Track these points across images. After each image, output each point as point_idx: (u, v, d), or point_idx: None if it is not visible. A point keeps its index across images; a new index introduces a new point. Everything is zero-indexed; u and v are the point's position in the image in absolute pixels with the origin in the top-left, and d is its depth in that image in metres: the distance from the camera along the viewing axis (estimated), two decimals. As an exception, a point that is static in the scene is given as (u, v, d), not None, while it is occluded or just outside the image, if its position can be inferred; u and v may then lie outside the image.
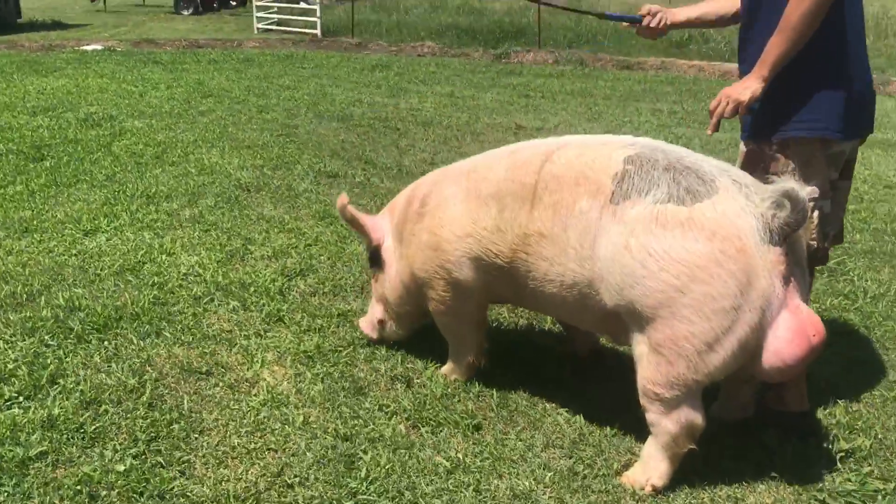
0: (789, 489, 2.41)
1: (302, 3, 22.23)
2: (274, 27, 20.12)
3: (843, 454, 2.55)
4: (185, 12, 25.76)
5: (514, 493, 2.36)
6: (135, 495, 2.32)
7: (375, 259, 3.10)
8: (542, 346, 3.30)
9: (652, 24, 2.98)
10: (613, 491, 2.38)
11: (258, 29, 19.85)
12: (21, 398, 2.77)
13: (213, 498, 2.32)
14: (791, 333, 2.21)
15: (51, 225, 4.48)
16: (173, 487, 2.35)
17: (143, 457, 2.48)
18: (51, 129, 6.95)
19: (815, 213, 2.56)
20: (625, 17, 3.13)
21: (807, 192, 2.34)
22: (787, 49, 2.50)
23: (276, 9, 21.07)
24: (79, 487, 2.33)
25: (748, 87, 2.53)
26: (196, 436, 2.62)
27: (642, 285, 2.25)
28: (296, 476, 2.42)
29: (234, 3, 28.84)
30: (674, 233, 2.22)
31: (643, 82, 11.29)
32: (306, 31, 18.79)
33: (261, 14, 20.33)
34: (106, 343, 3.17)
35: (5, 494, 2.30)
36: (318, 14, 18.60)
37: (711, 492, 2.39)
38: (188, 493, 2.33)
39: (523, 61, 14.04)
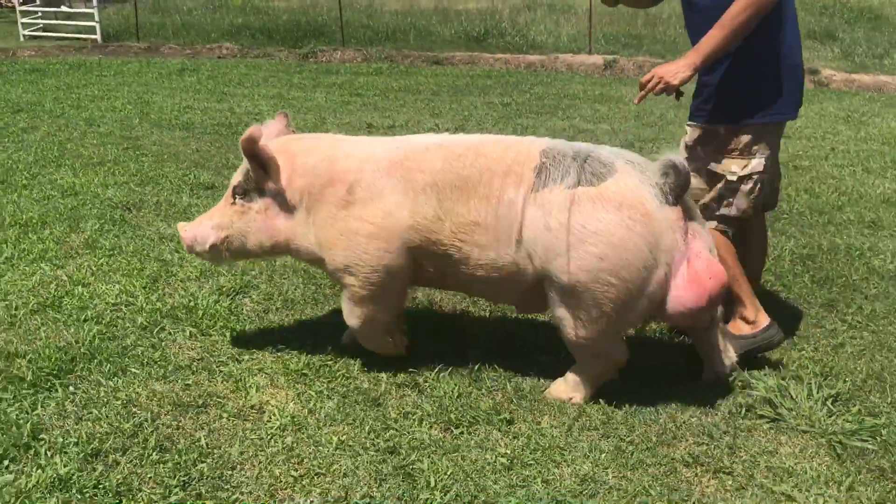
0: (806, 436, 2.66)
1: (63, 6, 20.65)
2: (41, 33, 18.48)
3: (831, 399, 2.85)
4: (-77, 20, 23.03)
5: (581, 478, 2.42)
6: (197, 545, 2.14)
7: (258, 196, 2.89)
8: (523, 337, 3.36)
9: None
10: (667, 463, 2.50)
11: (24, 36, 18.16)
12: (6, 462, 2.43)
13: (285, 533, 2.19)
14: (687, 281, 2.59)
15: (-78, 265, 3.91)
16: (240, 529, 2.19)
17: None
18: None
19: (758, 187, 2.98)
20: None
21: (755, 165, 2.93)
22: (725, 44, 2.78)
23: (40, 14, 19.37)
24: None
25: (679, 73, 2.78)
26: (230, 472, 2.44)
27: (564, 257, 2.56)
28: (362, 498, 2.33)
29: (-21, 9, 26.19)
30: (586, 208, 2.55)
31: (462, 77, 11.62)
32: (83, 36, 17.43)
33: (26, 20, 18.60)
34: (72, 388, 2.84)
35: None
36: (96, 18, 17.35)
37: (747, 450, 2.58)
38: (258, 533, 2.18)
39: (332, 60, 13.96)
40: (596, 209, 2.53)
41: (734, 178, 2.99)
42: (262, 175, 2.84)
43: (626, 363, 2.83)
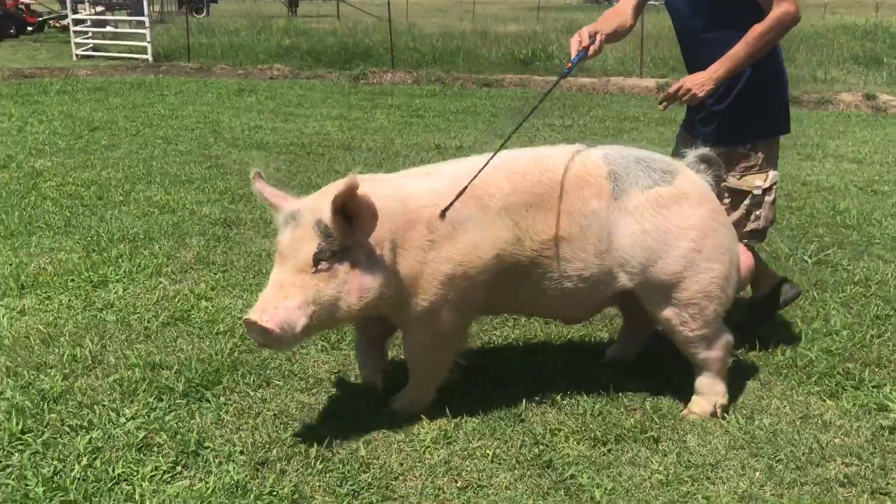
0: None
1: (109, 26, 21.06)
2: (92, 53, 18.89)
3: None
4: (-24, 39, 23.68)
5: (739, 496, 2.46)
6: (379, 552, 2.20)
7: (343, 255, 2.53)
8: (648, 355, 3.40)
9: (596, 48, 3.07)
10: (821, 482, 2.53)
11: (77, 55, 18.57)
12: (178, 468, 2.52)
13: (462, 543, 2.25)
14: (743, 250, 3.04)
15: (48, 279, 4.02)
16: (419, 538, 2.25)
17: (362, 512, 2.35)
18: (-50, 173, 6.21)
19: (772, 198, 3.25)
20: (576, 63, 3.06)
21: (773, 177, 3.24)
22: (748, 61, 3.04)
23: (90, 34, 19.78)
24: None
25: (705, 86, 3.00)
26: (394, 482, 2.51)
27: (667, 256, 2.72)
28: (531, 509, 2.38)
29: (30, 29, 26.85)
30: (675, 208, 2.73)
31: (517, 99, 11.73)
32: (135, 56, 17.79)
33: (78, 40, 19.03)
34: (223, 399, 2.93)
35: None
36: (148, 38, 17.71)
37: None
38: (437, 542, 2.24)
39: (382, 81, 14.12)
40: (683, 207, 2.73)
41: (759, 191, 3.19)
42: (348, 230, 2.52)
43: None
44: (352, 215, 2.50)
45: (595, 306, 2.97)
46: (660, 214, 2.71)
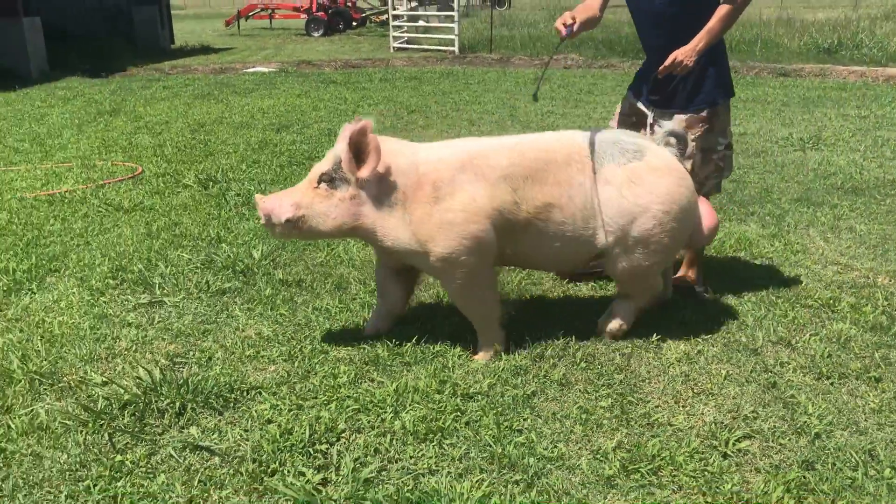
0: None
1: (421, 21, 23.13)
2: (406, 45, 21.02)
3: None
4: (316, 34, 27.14)
5: (947, 428, 2.82)
6: (622, 421, 2.88)
7: (342, 185, 3.14)
8: (890, 311, 3.72)
9: (574, 32, 3.65)
10: None
11: (393, 48, 20.77)
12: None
13: (689, 426, 2.86)
14: (709, 211, 3.61)
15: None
16: (656, 418, 2.90)
17: (615, 398, 3.04)
18: (306, 143, 7.76)
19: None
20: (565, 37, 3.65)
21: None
22: (722, 34, 3.56)
23: (405, 28, 21.97)
24: (575, 413, 2.91)
25: (692, 58, 3.51)
26: (641, 383, 3.16)
27: (642, 218, 3.23)
28: (751, 412, 2.93)
29: (354, 24, 30.12)
30: (648, 178, 3.23)
31: (813, 89, 11.50)
32: (443, 48, 19.55)
33: (396, 34, 21.28)
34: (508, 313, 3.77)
35: (520, 423, 2.89)
36: (456, 32, 19.37)
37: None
38: (669, 423, 2.87)
39: (673, 71, 14.38)
40: (655, 177, 3.23)
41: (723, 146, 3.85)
42: (355, 166, 3.09)
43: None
44: (362, 153, 3.07)
45: (580, 261, 3.46)
46: (635, 185, 3.21)
